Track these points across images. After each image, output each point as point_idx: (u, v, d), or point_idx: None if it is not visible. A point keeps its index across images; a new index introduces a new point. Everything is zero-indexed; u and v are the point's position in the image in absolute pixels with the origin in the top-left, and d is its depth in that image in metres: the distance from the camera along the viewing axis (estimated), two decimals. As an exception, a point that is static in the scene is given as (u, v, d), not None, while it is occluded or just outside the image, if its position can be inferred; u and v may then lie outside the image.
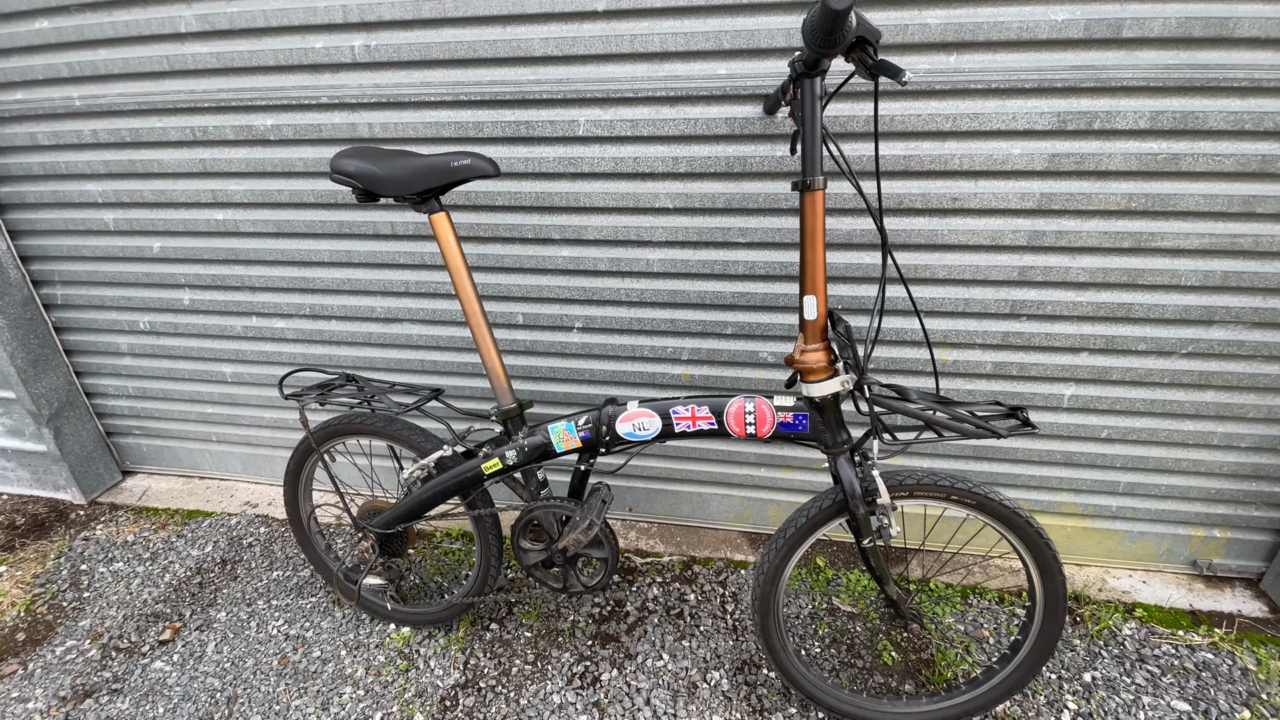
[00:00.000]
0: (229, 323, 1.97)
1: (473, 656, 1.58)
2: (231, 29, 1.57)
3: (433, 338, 1.84)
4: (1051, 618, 1.24)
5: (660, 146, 1.50)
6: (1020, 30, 1.28)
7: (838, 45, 0.85)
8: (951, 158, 1.41)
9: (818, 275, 1.10)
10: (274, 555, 1.94)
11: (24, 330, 1.98)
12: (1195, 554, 1.72)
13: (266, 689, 1.52)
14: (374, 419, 1.47)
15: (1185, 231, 1.39)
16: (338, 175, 1.23)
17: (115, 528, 2.09)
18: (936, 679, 1.47)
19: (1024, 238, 1.45)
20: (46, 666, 1.59)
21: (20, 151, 1.83)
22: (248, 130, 1.68)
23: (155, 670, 1.58)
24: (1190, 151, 1.32)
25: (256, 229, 1.80)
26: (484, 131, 1.55)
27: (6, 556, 1.96)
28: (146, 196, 1.82)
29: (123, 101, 1.70)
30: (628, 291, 1.66)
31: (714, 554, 1.87)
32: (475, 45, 1.47)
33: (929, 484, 1.19)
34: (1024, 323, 1.55)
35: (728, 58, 1.40)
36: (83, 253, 1.94)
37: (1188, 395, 1.55)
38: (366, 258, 1.77)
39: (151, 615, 1.74)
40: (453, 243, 1.28)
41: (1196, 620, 1.60)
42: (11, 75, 1.72)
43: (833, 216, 1.51)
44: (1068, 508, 1.73)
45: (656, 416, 1.26)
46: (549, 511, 1.38)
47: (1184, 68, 1.26)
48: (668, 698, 1.45)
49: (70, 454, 2.13)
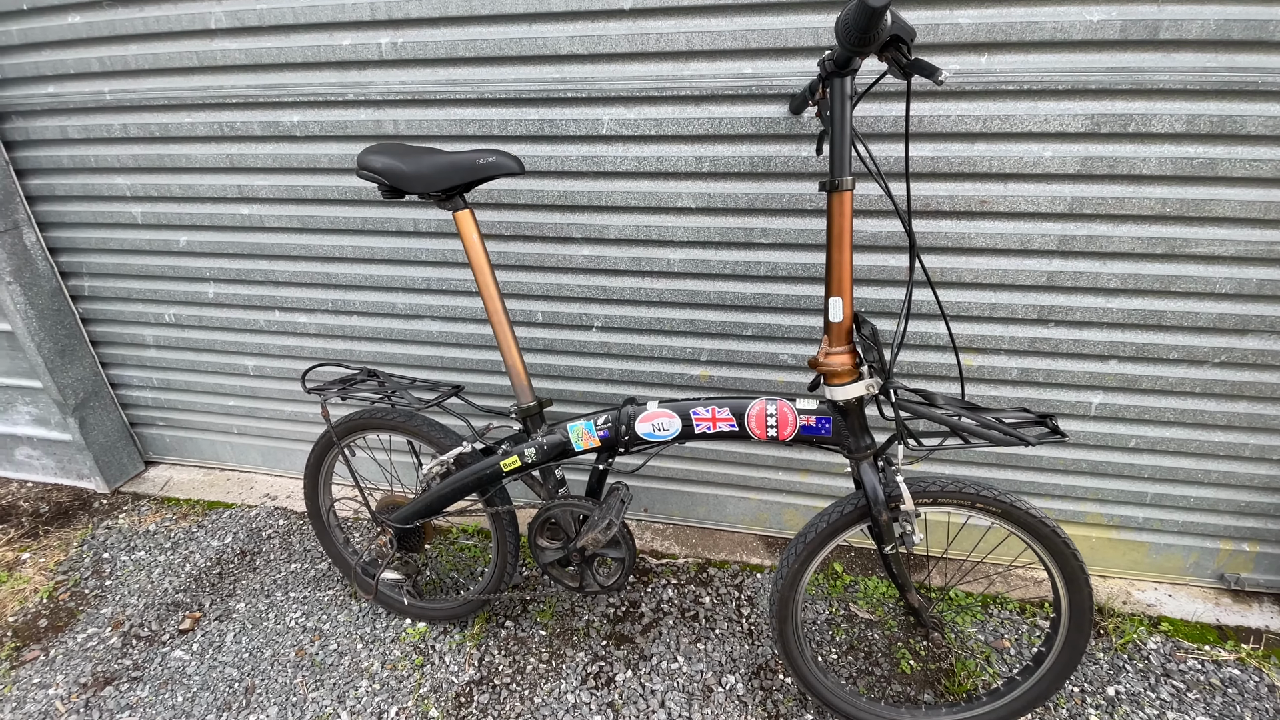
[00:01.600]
0: (252, 316, 1.98)
1: (488, 653, 1.58)
2: (260, 25, 1.58)
3: (453, 334, 1.85)
4: (1077, 629, 1.22)
5: (684, 146, 1.50)
6: (1054, 31, 1.26)
7: (872, 43, 0.84)
8: (981, 160, 1.39)
9: (844, 277, 1.09)
10: (292, 548, 1.96)
11: (52, 321, 2.01)
12: (1223, 568, 1.68)
13: (283, 680, 1.53)
14: (394, 414, 1.48)
15: (1220, 238, 1.36)
16: (364, 171, 1.24)
17: (137, 517, 2.12)
18: (956, 689, 1.45)
19: (1054, 242, 1.43)
20: (68, 653, 1.62)
21: (51, 145, 1.86)
22: (275, 126, 1.69)
23: (175, 659, 1.60)
24: (1227, 156, 1.29)
25: (281, 224, 1.82)
26: (508, 130, 1.56)
27: (31, 543, 2.00)
28: (174, 191, 1.85)
29: (152, 96, 1.72)
30: (648, 291, 1.65)
31: (730, 557, 1.86)
32: (501, 43, 1.48)
33: (954, 491, 1.18)
34: (1051, 328, 1.52)
35: (754, 57, 1.39)
36: (110, 245, 1.97)
37: (1219, 405, 1.52)
38: (389, 254, 1.78)
39: (172, 604, 1.76)
40: (476, 240, 1.28)
41: (1223, 635, 1.57)
42: (44, 69, 1.75)
43: (859, 218, 1.49)
44: (1093, 518, 1.70)
45: (676, 417, 1.25)
46: (567, 510, 1.38)
47: (1222, 71, 1.23)
48: (682, 700, 1.45)
49: (94, 443, 2.16)
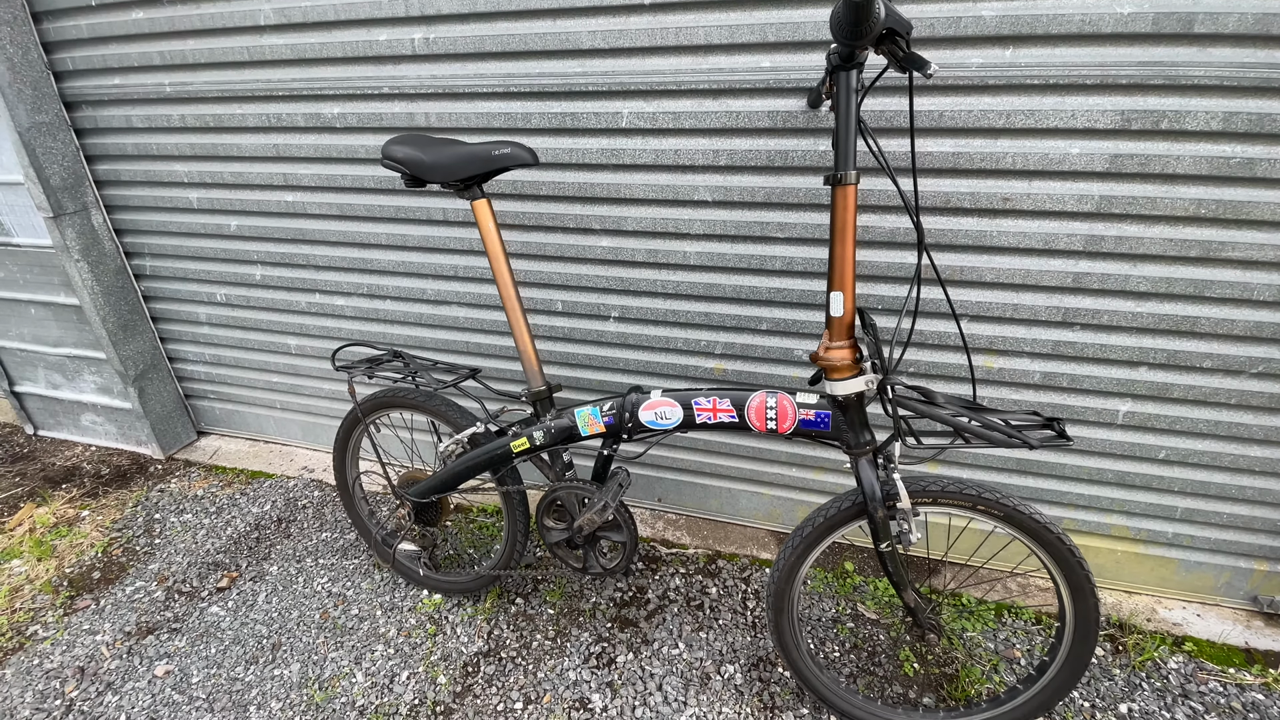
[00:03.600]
0: (295, 298, 2.10)
1: (497, 627, 1.64)
2: (305, 22, 1.67)
3: (478, 320, 1.91)
4: (1081, 640, 1.19)
5: (701, 139, 1.51)
6: (1082, 23, 1.22)
7: (864, 37, 0.84)
8: (1004, 156, 1.36)
9: (846, 271, 1.09)
10: (324, 518, 2.06)
11: (116, 297, 2.17)
12: (1257, 589, 1.60)
13: (307, 640, 1.63)
14: (415, 394, 1.55)
15: (1259, 242, 1.30)
16: (388, 161, 1.30)
17: (188, 482, 2.27)
18: (958, 694, 1.43)
19: (1080, 242, 1.39)
20: (116, 603, 1.75)
21: (117, 133, 2.00)
22: (316, 118, 1.78)
23: (211, 614, 1.71)
24: (1267, 156, 1.23)
25: (322, 211, 1.91)
26: (531, 123, 1.60)
27: (91, 502, 2.17)
28: (226, 178, 1.96)
29: (207, 89, 1.84)
30: (664, 283, 1.68)
31: (740, 550, 1.87)
32: (526, 38, 1.52)
33: (954, 491, 1.16)
34: (1077, 332, 1.47)
35: (772, 50, 1.39)
36: (169, 228, 2.11)
37: (1257, 419, 1.44)
38: (420, 242, 1.85)
39: (213, 564, 1.88)
40: (492, 228, 1.33)
41: (1251, 659, 1.50)
42: (110, 61, 1.88)
43: (876, 214, 1.48)
44: (1118, 530, 1.64)
45: (679, 406, 1.27)
46: (571, 493, 1.42)
47: (1261, 67, 1.17)
48: (679, 685, 1.47)
49: (152, 412, 2.33)
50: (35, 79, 1.91)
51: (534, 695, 1.47)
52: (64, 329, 2.27)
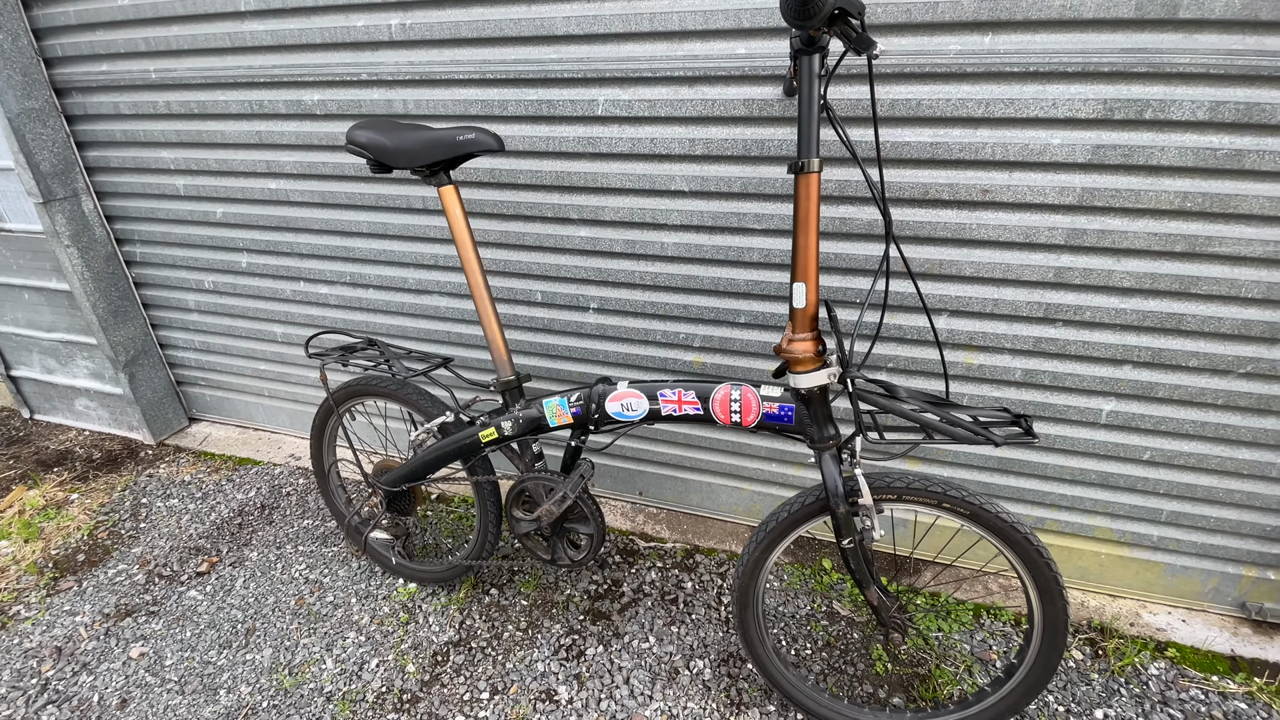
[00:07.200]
0: (279, 286, 2.10)
1: (469, 617, 1.64)
2: (284, 8, 1.66)
3: (459, 310, 1.90)
4: (1049, 643, 1.16)
5: (677, 128, 1.49)
6: (1064, 8, 1.18)
7: (813, 18, 0.81)
8: (983, 146, 1.32)
9: (810, 262, 1.06)
10: (307, 505, 2.07)
11: (106, 283, 2.19)
12: (1245, 595, 1.55)
13: (281, 625, 1.63)
14: (387, 382, 1.54)
15: (1247, 237, 1.25)
16: (352, 146, 1.29)
17: (176, 468, 2.29)
18: (927, 695, 1.41)
19: (1062, 236, 1.35)
20: (98, 585, 1.77)
21: (105, 119, 2.01)
22: (297, 105, 1.78)
23: (189, 598, 1.73)
24: (1255, 148, 1.18)
25: (304, 199, 1.91)
26: (508, 110, 1.58)
27: (80, 485, 2.19)
28: (211, 165, 1.97)
29: (191, 75, 1.84)
30: (642, 274, 1.66)
31: (718, 545, 1.85)
32: (501, 23, 1.50)
33: (918, 488, 1.14)
34: (1059, 328, 1.44)
35: (747, 37, 1.36)
36: (158, 215, 2.12)
37: (1245, 420, 1.40)
38: (400, 230, 1.85)
39: (194, 549, 1.90)
40: (459, 215, 1.31)
41: (1235, 667, 1.46)
42: (98, 48, 1.89)
43: (853, 205, 1.44)
44: (1102, 533, 1.61)
45: (644, 398, 1.25)
46: (538, 483, 1.41)
47: (1250, 54, 1.12)
48: (647, 679, 1.46)
49: (143, 398, 2.35)
50: (25, 65, 1.92)
51: (501, 686, 1.46)
52: (56, 314, 2.30)
